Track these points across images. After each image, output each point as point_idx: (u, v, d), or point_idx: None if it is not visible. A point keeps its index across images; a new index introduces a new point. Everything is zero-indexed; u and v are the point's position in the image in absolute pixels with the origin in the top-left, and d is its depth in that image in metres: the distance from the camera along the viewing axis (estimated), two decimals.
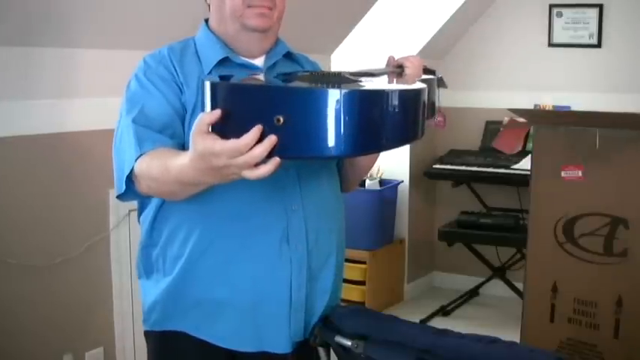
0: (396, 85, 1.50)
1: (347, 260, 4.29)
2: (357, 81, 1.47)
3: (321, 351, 1.68)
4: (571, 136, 2.71)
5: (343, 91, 1.27)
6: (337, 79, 1.48)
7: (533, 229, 2.82)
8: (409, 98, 1.39)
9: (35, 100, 2.54)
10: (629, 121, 2.75)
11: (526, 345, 2.55)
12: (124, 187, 1.53)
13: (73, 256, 2.68)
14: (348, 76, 1.49)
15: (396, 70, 1.77)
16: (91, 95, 2.69)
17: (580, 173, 2.67)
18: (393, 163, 4.56)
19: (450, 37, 4.65)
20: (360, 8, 3.77)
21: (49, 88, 2.58)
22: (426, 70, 2.02)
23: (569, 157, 2.69)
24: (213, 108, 1.32)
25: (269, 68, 1.67)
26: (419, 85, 1.47)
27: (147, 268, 1.68)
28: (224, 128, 1.29)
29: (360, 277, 4.34)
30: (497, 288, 4.57)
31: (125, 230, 2.85)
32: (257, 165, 1.27)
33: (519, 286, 3.72)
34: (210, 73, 1.62)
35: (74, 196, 2.69)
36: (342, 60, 4.19)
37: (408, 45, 4.48)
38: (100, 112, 2.68)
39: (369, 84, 1.50)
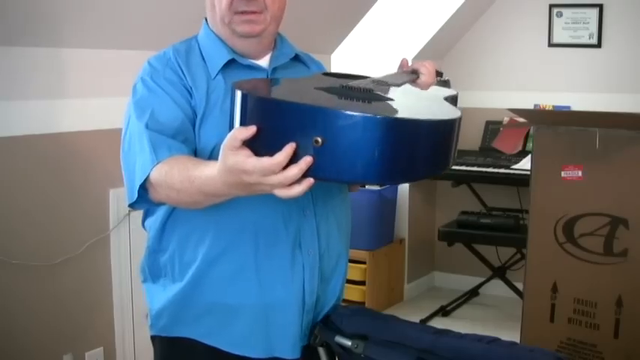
0: (435, 114, 1.44)
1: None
2: (386, 98, 1.43)
3: (322, 351, 1.68)
4: (571, 136, 2.71)
5: (388, 119, 1.25)
6: (367, 95, 1.42)
7: (533, 229, 2.82)
8: (448, 128, 1.36)
9: (34, 101, 2.55)
10: (629, 121, 2.75)
11: (526, 345, 2.55)
12: (136, 195, 1.48)
13: (73, 256, 2.68)
14: (378, 92, 1.45)
15: (412, 76, 1.76)
16: (87, 96, 2.69)
17: (580, 173, 2.67)
18: None
19: (449, 37, 4.65)
20: (360, 8, 3.77)
21: (45, 88, 2.58)
22: (439, 72, 2.01)
23: (569, 157, 2.69)
24: (243, 119, 1.29)
25: (274, 69, 1.66)
26: (456, 112, 1.43)
27: (154, 273, 1.66)
28: (256, 142, 1.26)
29: (360, 277, 4.34)
30: (497, 288, 4.57)
31: (125, 230, 2.85)
32: (290, 184, 1.24)
33: (519, 286, 3.72)
34: (217, 75, 1.59)
35: (74, 196, 2.70)
36: (342, 60, 4.19)
37: (408, 45, 4.48)
38: (98, 113, 2.69)
39: (399, 100, 1.45)
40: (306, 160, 1.22)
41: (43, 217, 2.61)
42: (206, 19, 1.68)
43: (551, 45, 4.52)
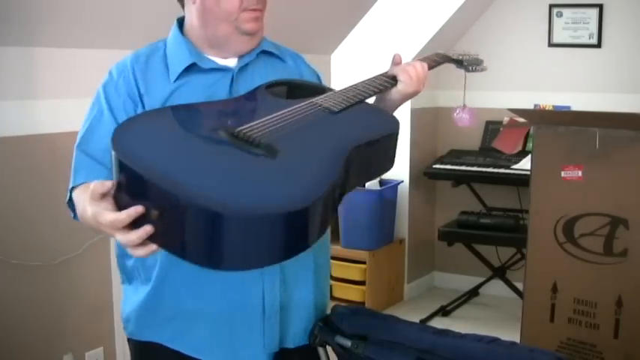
0: (296, 186, 1.32)
1: (347, 260, 4.36)
2: (276, 151, 1.37)
3: (321, 351, 1.68)
4: (571, 136, 2.71)
5: (211, 210, 1.21)
6: (250, 148, 1.38)
7: (533, 229, 2.82)
8: (282, 220, 1.26)
9: (33, 100, 2.54)
10: (629, 121, 2.75)
11: (526, 345, 2.55)
12: (71, 212, 1.56)
13: (73, 256, 2.68)
14: (269, 142, 1.39)
15: (387, 84, 1.67)
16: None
17: (580, 173, 2.67)
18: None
19: (449, 37, 4.65)
20: (360, 8, 3.77)
21: (48, 88, 2.58)
22: (453, 60, 1.95)
23: (569, 157, 2.69)
24: (116, 174, 1.34)
25: (241, 69, 1.64)
26: (318, 191, 1.30)
27: (127, 275, 1.68)
28: (119, 195, 1.33)
29: (360, 277, 4.34)
30: (497, 288, 4.57)
31: None
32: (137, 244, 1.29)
33: (519, 286, 3.72)
34: (177, 79, 1.59)
35: None
36: (342, 60, 4.19)
37: (408, 45, 4.48)
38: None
39: (285, 155, 1.38)
40: (145, 230, 1.26)
41: (43, 217, 2.61)
42: (178, 21, 1.67)
43: (551, 45, 4.52)
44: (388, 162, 1.58)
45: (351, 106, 1.58)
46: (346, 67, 4.45)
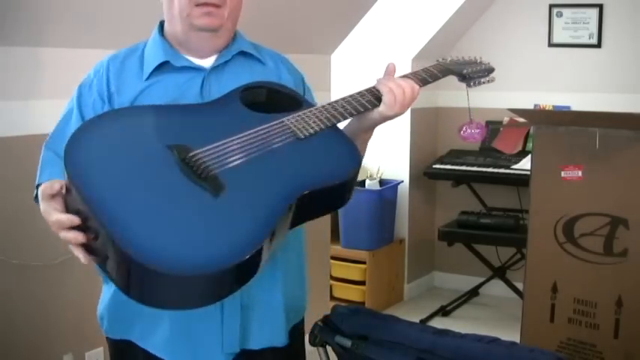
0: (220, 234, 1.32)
1: (347, 260, 4.36)
2: (220, 188, 1.36)
3: (320, 351, 1.68)
4: (571, 136, 2.71)
5: (127, 252, 1.25)
6: (204, 184, 1.37)
7: (533, 229, 2.82)
8: (214, 277, 1.28)
9: (40, 100, 2.54)
10: (629, 121, 2.75)
11: (526, 345, 2.55)
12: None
13: (74, 256, 2.67)
14: (222, 177, 1.38)
15: (371, 104, 1.58)
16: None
17: (580, 173, 2.67)
18: (393, 163, 4.57)
19: (449, 37, 4.65)
20: (360, 8, 3.76)
21: (55, 89, 2.57)
22: (455, 73, 1.92)
23: (569, 157, 2.69)
24: (66, 179, 1.40)
25: (214, 68, 1.63)
26: (242, 252, 1.28)
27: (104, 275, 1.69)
28: (69, 198, 1.40)
29: (360, 277, 4.35)
30: (497, 288, 4.57)
31: None
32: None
33: (519, 286, 3.72)
34: (149, 77, 1.60)
35: None
36: (342, 60, 4.19)
37: (408, 45, 4.48)
38: None
39: (230, 189, 1.37)
40: (78, 238, 1.38)
41: (44, 217, 2.60)
42: (161, 22, 1.68)
43: (551, 45, 4.52)
44: (340, 202, 1.52)
45: (321, 131, 1.51)
46: (346, 67, 4.45)
